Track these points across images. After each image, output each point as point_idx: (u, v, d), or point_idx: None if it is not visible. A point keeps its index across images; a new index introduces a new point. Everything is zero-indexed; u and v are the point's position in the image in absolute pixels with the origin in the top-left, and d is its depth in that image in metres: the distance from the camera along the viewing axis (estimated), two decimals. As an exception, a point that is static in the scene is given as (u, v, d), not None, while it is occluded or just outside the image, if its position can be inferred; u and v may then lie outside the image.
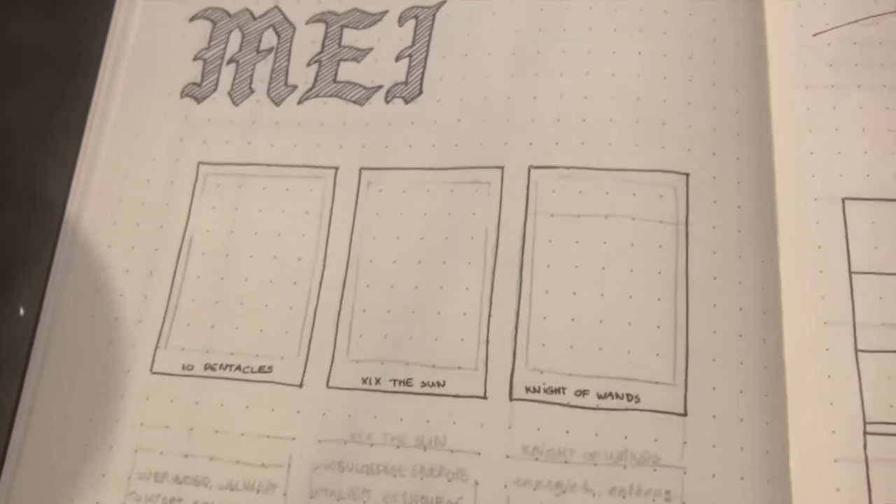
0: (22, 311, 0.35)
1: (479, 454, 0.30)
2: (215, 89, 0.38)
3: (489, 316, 0.32)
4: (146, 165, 0.37)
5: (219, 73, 0.38)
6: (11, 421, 0.33)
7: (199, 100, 0.38)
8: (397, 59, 0.37)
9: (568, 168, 0.33)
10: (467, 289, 0.33)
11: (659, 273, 0.31)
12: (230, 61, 0.39)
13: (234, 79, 0.38)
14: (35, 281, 0.35)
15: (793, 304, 0.31)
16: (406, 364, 0.32)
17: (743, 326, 0.30)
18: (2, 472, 0.33)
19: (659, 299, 0.31)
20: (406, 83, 0.37)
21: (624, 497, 0.29)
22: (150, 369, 0.34)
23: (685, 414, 0.30)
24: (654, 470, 0.29)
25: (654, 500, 0.29)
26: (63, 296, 0.35)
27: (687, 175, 0.33)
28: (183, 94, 0.38)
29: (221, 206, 0.36)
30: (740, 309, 0.30)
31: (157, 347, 0.34)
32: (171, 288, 0.35)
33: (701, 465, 0.29)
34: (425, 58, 0.37)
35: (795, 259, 0.31)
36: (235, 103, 0.38)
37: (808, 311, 0.30)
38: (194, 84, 0.38)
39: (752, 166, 0.32)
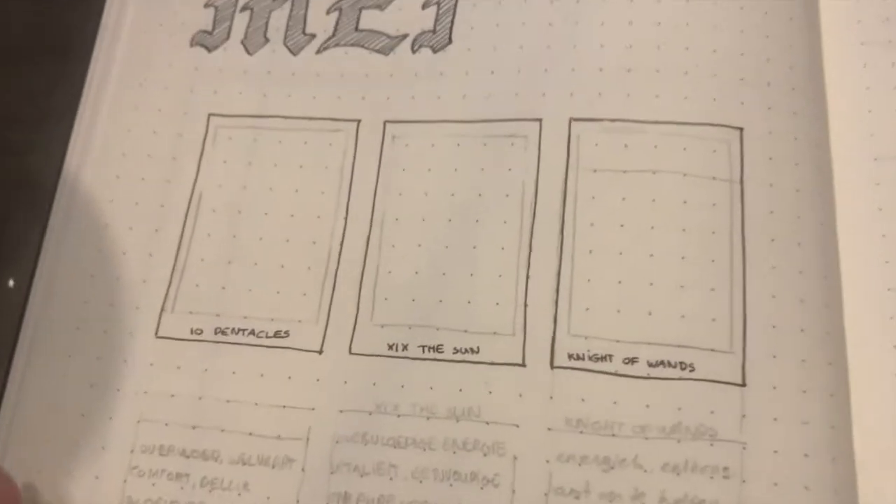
0: (11, 283, 0.32)
1: (518, 426, 0.28)
2: (227, 38, 0.35)
3: (527, 278, 0.29)
4: (152, 117, 0.34)
5: (231, 20, 0.36)
6: (2, 388, 0.31)
7: (210, 49, 0.35)
8: (424, 6, 0.34)
9: (612, 121, 0.31)
10: (503, 249, 0.30)
11: (713, 233, 0.29)
12: (244, 8, 0.36)
13: (248, 27, 0.35)
14: (28, 238, 0.33)
15: (853, 269, 0.28)
16: (436, 329, 0.29)
17: (804, 291, 0.28)
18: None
19: (713, 261, 0.28)
20: (434, 31, 0.34)
21: (678, 474, 0.26)
22: (156, 333, 0.31)
23: (744, 384, 0.27)
24: (711, 444, 0.26)
25: (711, 478, 0.26)
26: (60, 254, 0.32)
27: (741, 129, 0.30)
28: (193, 43, 0.35)
29: (233, 160, 0.33)
30: (800, 272, 0.28)
31: (162, 310, 0.31)
32: (179, 246, 0.32)
33: (761, 439, 0.26)
34: (455, 5, 0.34)
35: (855, 222, 0.29)
36: (249, 52, 0.35)
37: (869, 277, 0.28)
38: (205, 32, 0.35)
39: (808, 122, 0.30)
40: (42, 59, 0.36)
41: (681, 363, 0.28)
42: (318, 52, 0.35)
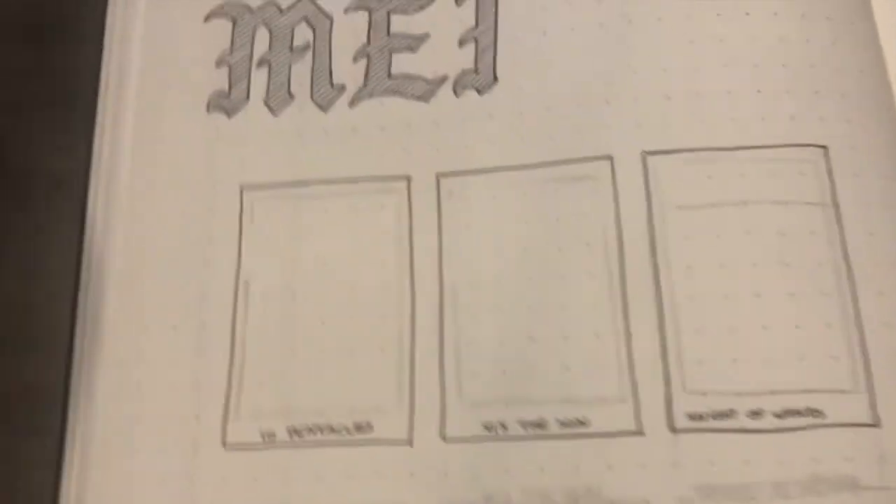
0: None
1: (647, 502, 0.25)
2: (247, 98, 0.32)
3: (628, 334, 0.27)
4: (175, 196, 0.31)
5: (249, 78, 0.32)
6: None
7: (230, 113, 0.32)
8: (461, 44, 0.32)
9: (690, 151, 0.29)
10: (594, 305, 0.28)
11: (818, 263, 0.27)
12: (260, 63, 0.32)
13: (269, 84, 0.32)
14: (54, 355, 0.29)
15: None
16: (535, 402, 0.27)
17: None
18: None
19: (823, 293, 0.27)
20: (476, 71, 0.31)
21: (828, 532, 0.25)
22: (223, 443, 0.28)
23: (877, 424, 0.25)
24: (855, 495, 0.25)
25: (862, 532, 0.24)
26: (95, 366, 0.29)
27: (825, 147, 0.28)
28: (210, 108, 0.32)
29: (277, 235, 0.30)
30: None
31: (226, 416, 0.28)
32: (233, 341, 0.29)
33: None
34: (494, 39, 0.32)
35: None
36: (274, 113, 0.32)
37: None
38: (221, 94, 0.32)
39: (887, 133, 0.28)
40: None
41: (809, 409, 0.26)
42: (352, 104, 0.32)
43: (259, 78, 0.32)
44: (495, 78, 0.31)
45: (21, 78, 0.33)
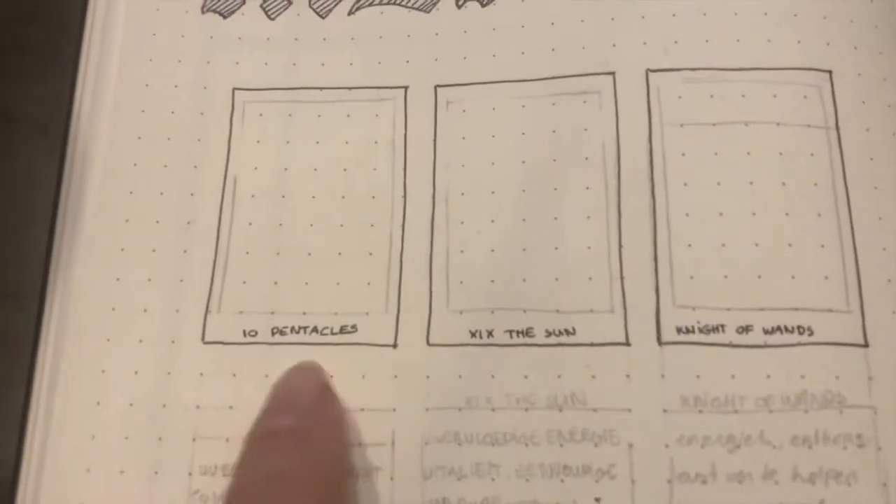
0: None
1: (630, 411, 0.25)
2: (244, 2, 0.31)
3: (620, 247, 0.27)
4: (167, 95, 0.30)
5: (246, -19, 0.32)
6: (24, 411, 0.27)
7: (225, 15, 0.31)
8: (464, -45, 0.31)
9: (694, 70, 0.28)
10: (588, 217, 0.27)
11: (815, 185, 0.27)
12: (259, -32, 0.32)
13: (266, -12, 0.32)
14: (34, 242, 0.28)
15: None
16: (523, 311, 0.27)
17: None
18: (20, 472, 0.26)
19: (819, 214, 0.26)
20: None
21: (810, 447, 0.24)
22: (202, 338, 0.27)
23: (866, 344, 0.25)
24: (841, 412, 0.24)
25: (845, 447, 0.24)
26: (74, 256, 0.28)
27: (830, 72, 0.28)
28: (205, 9, 0.31)
29: (268, 139, 0.29)
30: None
31: (207, 312, 0.27)
32: (218, 239, 0.28)
33: (893, 402, 0.24)
34: None
35: None
36: (271, 17, 0.31)
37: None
38: (217, -5, 0.32)
39: (895, 61, 0.28)
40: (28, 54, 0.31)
41: (798, 327, 0.25)
42: (351, 13, 0.31)
43: (257, -19, 0.32)
44: (499, -10, 0.31)
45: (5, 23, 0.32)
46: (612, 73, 0.29)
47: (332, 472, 0.24)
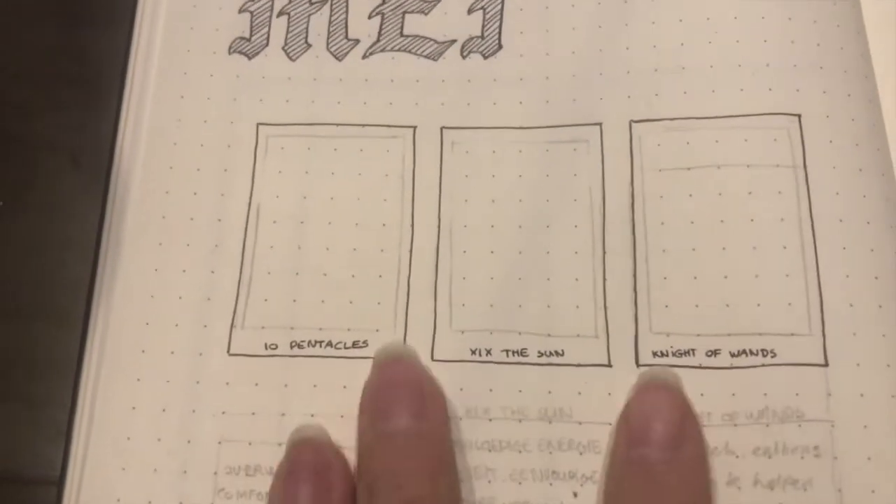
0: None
1: (611, 424, 0.28)
2: (267, 44, 0.34)
3: (604, 280, 0.30)
4: (197, 129, 0.33)
5: (269, 26, 0.35)
6: (70, 419, 0.29)
7: (249, 56, 0.34)
8: (469, 11, 0.34)
9: (672, 119, 0.32)
10: (576, 253, 0.30)
11: (781, 220, 0.30)
12: (280, 14, 0.35)
13: (287, 33, 0.35)
14: (79, 264, 0.31)
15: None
16: (518, 333, 0.30)
17: (877, 268, 0.29)
18: (66, 472, 0.29)
19: (784, 247, 0.30)
20: (482, 38, 0.34)
21: (770, 457, 0.27)
22: (228, 351, 0.30)
23: (826, 364, 0.28)
24: (800, 426, 0.28)
25: (802, 457, 0.27)
26: (116, 276, 0.31)
27: (798, 116, 0.31)
28: (231, 51, 0.34)
29: (289, 169, 0.33)
30: (871, 250, 0.29)
31: (232, 326, 0.30)
32: (242, 260, 0.31)
33: (849, 416, 0.27)
34: (501, 10, 0.34)
35: None
36: (292, 59, 0.34)
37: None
38: (243, 39, 0.35)
39: (862, 103, 0.31)
40: (72, 88, 0.34)
41: (762, 350, 0.29)
42: (365, 56, 0.34)
43: (278, 26, 0.35)
44: (500, 45, 0.34)
45: (48, 55, 0.35)
46: (600, 124, 0.32)
47: None
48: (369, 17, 0.35)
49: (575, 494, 0.27)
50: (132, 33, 0.35)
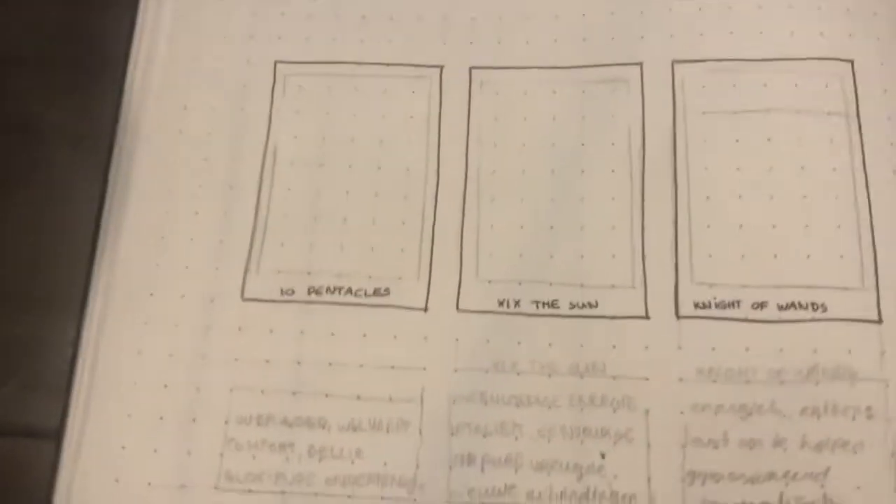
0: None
1: (647, 379, 0.26)
2: (287, -20, 0.33)
3: (642, 228, 0.28)
4: (213, 67, 0.31)
5: (290, -39, 0.33)
6: (73, 362, 0.28)
7: (268, -8, 0.33)
8: (502, -54, 0.33)
9: (718, 61, 0.30)
10: (613, 199, 0.29)
11: (833, 170, 0.28)
12: (302, -51, 0.33)
13: (309, -32, 0.33)
14: (87, 201, 0.30)
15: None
16: (549, 284, 0.28)
17: None
18: (68, 422, 0.27)
19: (836, 198, 0.28)
20: None
21: (819, 417, 0.25)
22: (241, 296, 0.28)
23: (880, 321, 0.26)
24: (852, 385, 0.26)
25: (853, 419, 0.25)
26: (124, 216, 0.29)
27: (851, 62, 0.29)
28: (250, -15, 0.33)
29: (308, 110, 0.31)
30: None
31: (247, 270, 0.29)
32: (258, 203, 0.29)
33: None
34: None
35: None
36: (313, -5, 0.33)
37: None
38: (262, -26, 0.33)
39: None
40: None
41: (812, 304, 0.27)
42: (390, -7, 0.32)
43: (301, -39, 0.33)
44: (535, -20, 0.32)
45: (51, 37, 0.33)
46: (640, 64, 0.30)
47: None
48: (395, -47, 0.33)
49: (603, 455, 0.26)
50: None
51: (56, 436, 0.27)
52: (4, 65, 0.32)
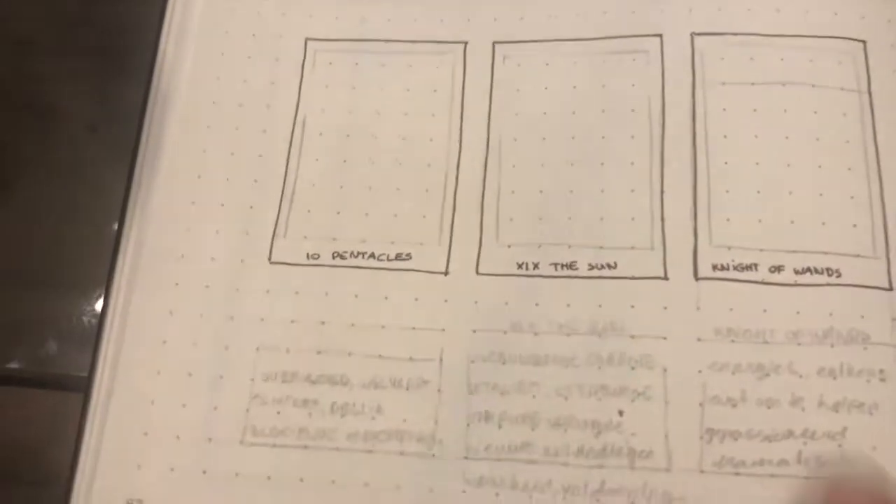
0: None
1: (666, 339, 0.27)
2: (318, -39, 0.34)
3: (662, 192, 0.29)
4: (246, 42, 0.33)
5: (320, -56, 0.34)
6: (101, 319, 0.29)
7: (300, -29, 0.34)
8: (525, -73, 0.34)
9: (736, 35, 0.30)
10: (632, 164, 0.29)
11: (847, 142, 0.28)
12: (331, -68, 0.35)
13: (338, -50, 0.34)
14: (118, 165, 0.31)
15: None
16: (568, 246, 0.28)
17: None
18: (94, 383, 0.28)
19: (849, 169, 0.28)
20: None
21: (834, 378, 0.26)
22: (269, 259, 0.29)
23: (890, 288, 0.27)
24: (865, 349, 0.26)
25: (867, 381, 0.26)
26: (154, 182, 0.31)
27: (864, 42, 0.30)
28: (282, -34, 0.34)
29: (336, 84, 0.32)
30: None
31: (274, 235, 0.30)
32: (287, 171, 0.31)
33: None
34: None
35: None
36: (342, -24, 0.34)
37: None
38: (294, -44, 0.34)
39: None
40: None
41: (827, 269, 0.27)
42: (416, -26, 0.34)
43: (330, -56, 0.34)
44: (557, -42, 0.33)
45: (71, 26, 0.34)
46: (660, 35, 0.31)
47: None
48: (421, -63, 0.34)
49: (621, 413, 0.26)
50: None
51: (85, 389, 0.28)
52: (21, 46, 0.33)
